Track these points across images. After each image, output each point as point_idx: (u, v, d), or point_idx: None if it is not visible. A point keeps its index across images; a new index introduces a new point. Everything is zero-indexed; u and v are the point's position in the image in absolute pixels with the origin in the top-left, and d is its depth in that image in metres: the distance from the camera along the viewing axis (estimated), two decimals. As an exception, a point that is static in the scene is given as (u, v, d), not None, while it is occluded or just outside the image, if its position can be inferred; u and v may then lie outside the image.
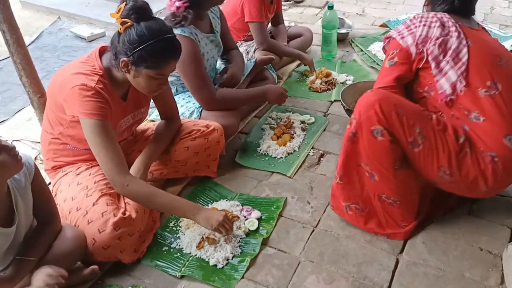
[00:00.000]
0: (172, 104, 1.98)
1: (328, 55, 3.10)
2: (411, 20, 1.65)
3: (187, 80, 2.13)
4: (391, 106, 1.55)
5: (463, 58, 1.56)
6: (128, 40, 1.55)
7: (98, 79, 1.60)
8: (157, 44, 1.56)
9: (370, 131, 1.56)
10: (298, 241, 1.75)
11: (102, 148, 1.59)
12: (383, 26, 3.57)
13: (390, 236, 1.71)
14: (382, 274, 1.60)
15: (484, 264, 1.61)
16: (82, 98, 1.56)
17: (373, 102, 1.56)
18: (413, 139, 1.55)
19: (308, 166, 2.15)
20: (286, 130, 2.35)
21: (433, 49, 1.58)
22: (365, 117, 1.57)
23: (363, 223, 1.73)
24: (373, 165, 1.61)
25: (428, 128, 1.56)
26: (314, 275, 1.60)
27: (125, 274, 1.64)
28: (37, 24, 4.08)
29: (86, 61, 1.66)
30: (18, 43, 2.08)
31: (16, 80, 2.39)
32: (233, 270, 1.64)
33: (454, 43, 1.57)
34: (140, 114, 1.88)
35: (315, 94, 2.73)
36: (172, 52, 1.63)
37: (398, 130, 1.55)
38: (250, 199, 1.96)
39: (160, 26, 1.58)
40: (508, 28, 3.44)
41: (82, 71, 1.61)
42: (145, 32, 1.54)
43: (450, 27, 1.59)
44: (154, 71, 1.60)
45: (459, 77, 1.56)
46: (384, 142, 1.56)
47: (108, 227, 1.57)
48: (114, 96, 1.68)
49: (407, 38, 1.62)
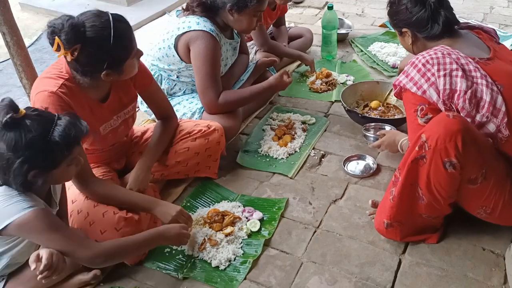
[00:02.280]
0: (166, 103, 1.98)
1: (328, 56, 3.10)
2: (424, 65, 1.48)
3: (198, 77, 2.12)
4: (472, 140, 1.42)
5: (502, 108, 1.45)
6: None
7: (62, 83, 1.56)
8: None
9: (442, 162, 1.44)
10: (300, 242, 1.74)
11: None
12: (382, 26, 3.57)
13: (426, 241, 1.69)
14: (385, 274, 1.59)
15: (486, 264, 1.61)
16: (42, 104, 1.50)
17: (456, 132, 1.39)
18: (475, 177, 1.48)
19: (309, 166, 2.15)
20: (287, 130, 2.34)
21: (463, 105, 1.45)
22: (442, 147, 1.41)
23: (400, 237, 1.69)
24: (429, 190, 1.52)
25: (492, 172, 1.48)
26: (317, 276, 1.60)
27: (127, 277, 1.64)
28: (36, 26, 4.08)
29: (56, 64, 1.63)
30: (18, 45, 2.08)
31: (16, 82, 2.40)
32: (235, 271, 1.63)
33: (486, 93, 1.44)
34: (126, 114, 1.82)
35: (315, 94, 2.73)
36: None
37: (469, 166, 1.44)
38: (251, 200, 1.95)
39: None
40: (508, 27, 3.44)
41: (48, 75, 1.59)
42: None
43: (471, 71, 1.45)
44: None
45: (499, 127, 1.46)
46: (454, 174, 1.45)
47: (109, 227, 1.56)
48: (87, 98, 1.64)
49: (430, 92, 1.47)
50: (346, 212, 1.87)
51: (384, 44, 3.18)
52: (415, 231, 1.68)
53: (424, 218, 1.63)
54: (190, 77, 2.25)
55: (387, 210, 1.63)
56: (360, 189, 1.99)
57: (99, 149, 1.81)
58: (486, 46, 1.60)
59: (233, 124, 2.22)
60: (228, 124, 2.15)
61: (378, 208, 1.75)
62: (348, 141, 2.30)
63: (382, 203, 1.71)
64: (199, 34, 2.07)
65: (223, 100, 2.15)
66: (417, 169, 1.50)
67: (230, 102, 2.17)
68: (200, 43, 2.07)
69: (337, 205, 1.91)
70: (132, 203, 1.68)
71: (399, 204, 1.59)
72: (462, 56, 1.49)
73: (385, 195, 1.69)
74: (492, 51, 1.57)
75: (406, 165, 1.51)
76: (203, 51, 2.07)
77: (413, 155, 1.49)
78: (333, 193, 1.97)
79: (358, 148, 2.24)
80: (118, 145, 1.90)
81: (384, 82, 2.57)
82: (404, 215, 1.62)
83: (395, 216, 1.62)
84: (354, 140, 2.30)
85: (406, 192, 1.56)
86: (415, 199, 1.58)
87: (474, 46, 1.58)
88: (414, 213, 1.61)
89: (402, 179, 1.54)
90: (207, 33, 2.07)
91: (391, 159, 2.14)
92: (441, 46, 1.53)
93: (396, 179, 1.59)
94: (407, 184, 1.54)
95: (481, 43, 1.61)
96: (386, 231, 1.68)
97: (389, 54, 3.04)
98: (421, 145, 1.46)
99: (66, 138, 1.29)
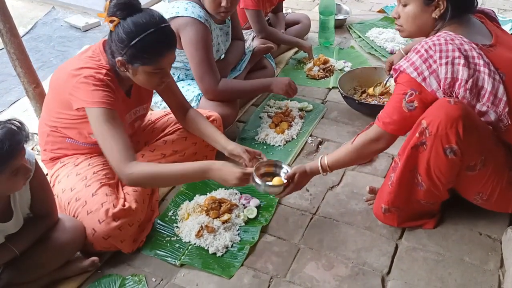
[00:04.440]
0: (182, 94, 1.92)
1: (325, 42, 3.07)
2: (426, 51, 1.43)
3: (193, 64, 2.11)
4: (473, 126, 1.40)
5: (503, 98, 1.42)
6: (118, 39, 1.51)
7: (106, 72, 1.58)
8: (146, 38, 1.49)
9: (443, 149, 1.43)
10: (297, 228, 1.75)
11: (108, 136, 1.53)
12: (381, 12, 3.54)
13: (423, 226, 1.70)
14: (382, 259, 1.60)
15: (483, 248, 1.62)
16: (89, 87, 1.53)
17: (457, 119, 1.37)
18: (474, 164, 1.47)
19: (306, 153, 2.15)
20: (284, 118, 2.33)
21: (463, 94, 1.41)
22: (443, 133, 1.40)
23: (397, 223, 1.69)
24: (429, 176, 1.51)
25: (491, 159, 1.47)
26: (314, 262, 1.61)
27: (125, 264, 1.64)
28: (31, 15, 4.03)
29: (92, 55, 1.62)
30: (11, 33, 2.05)
31: (11, 72, 2.37)
32: (233, 258, 1.64)
33: (487, 82, 1.40)
34: (142, 110, 1.85)
35: (313, 81, 2.71)
36: (164, 44, 1.55)
37: (469, 152, 1.43)
38: (248, 187, 1.94)
39: (147, 19, 1.50)
40: (507, 12, 3.41)
41: (89, 65, 1.58)
42: (132, 28, 1.48)
43: (475, 58, 1.41)
44: (150, 66, 1.55)
45: (500, 116, 1.44)
46: (454, 160, 1.44)
47: (108, 217, 1.56)
48: (120, 91, 1.66)
49: (430, 80, 1.43)
50: (343, 198, 1.87)
51: (382, 30, 3.16)
52: (412, 216, 1.68)
53: (422, 204, 1.64)
54: (182, 62, 2.23)
55: (386, 196, 1.63)
56: (357, 175, 1.99)
57: None
58: (488, 32, 1.56)
59: (230, 112, 2.21)
60: (225, 112, 2.14)
61: (378, 193, 1.75)
62: (346, 128, 2.30)
63: (381, 189, 1.72)
64: (188, 21, 2.05)
65: (223, 87, 2.15)
66: (417, 156, 1.49)
67: (229, 90, 2.17)
68: (190, 30, 2.05)
69: (334, 191, 1.91)
70: (185, 176, 1.60)
71: (398, 190, 1.58)
72: (466, 41, 1.44)
73: (384, 181, 1.69)
74: (494, 36, 1.53)
75: (406, 151, 1.50)
76: (194, 38, 2.06)
77: (413, 142, 1.47)
78: (330, 180, 1.96)
79: (356, 134, 2.22)
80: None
81: (382, 68, 2.55)
82: (402, 201, 1.62)
83: (393, 202, 1.62)
84: (352, 127, 2.30)
85: (405, 178, 1.56)
86: (413, 186, 1.58)
87: (477, 32, 1.54)
88: (412, 199, 1.61)
89: (402, 165, 1.53)
90: (195, 19, 2.05)
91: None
92: (444, 32, 1.49)
93: (395, 165, 1.58)
94: (407, 170, 1.54)
95: (484, 29, 1.57)
96: (383, 216, 1.69)
97: (387, 40, 3.02)
98: (421, 132, 1.44)
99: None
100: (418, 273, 1.55)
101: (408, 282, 1.52)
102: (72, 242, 1.55)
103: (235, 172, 1.54)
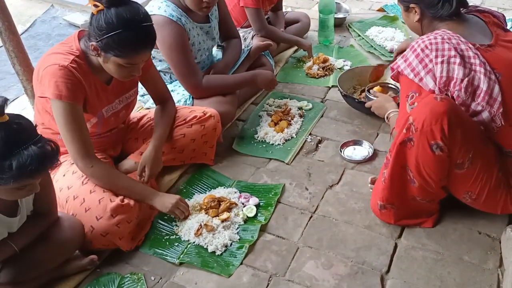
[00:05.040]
0: (163, 86, 1.97)
1: (325, 41, 3.07)
2: (422, 50, 1.45)
3: (173, 66, 2.11)
4: (458, 123, 1.40)
5: (498, 98, 1.42)
6: (97, 25, 1.49)
7: (73, 59, 1.56)
8: (125, 33, 1.47)
9: (429, 145, 1.43)
10: (296, 227, 1.74)
11: (67, 130, 1.57)
12: (380, 11, 3.53)
13: (421, 225, 1.70)
14: (381, 258, 1.60)
15: (482, 247, 1.62)
16: (52, 78, 1.52)
17: (442, 115, 1.38)
18: (462, 162, 1.47)
19: (305, 152, 2.14)
20: (284, 116, 2.33)
21: (458, 93, 1.42)
22: (428, 130, 1.41)
23: (393, 220, 1.69)
24: (419, 173, 1.51)
25: (479, 157, 1.46)
26: (313, 260, 1.61)
27: (124, 262, 1.64)
28: (30, 13, 4.03)
29: (65, 42, 1.63)
30: (10, 30, 2.05)
31: (10, 69, 2.37)
32: (232, 256, 1.64)
33: (483, 81, 1.40)
34: (128, 98, 1.83)
35: (312, 80, 2.71)
36: (142, 42, 1.54)
37: (456, 149, 1.44)
38: (248, 186, 1.95)
39: (132, 15, 1.48)
40: (507, 11, 3.40)
41: (58, 51, 1.58)
42: (114, 20, 1.46)
43: (471, 58, 1.42)
44: (122, 59, 1.53)
45: (495, 117, 1.44)
46: (442, 157, 1.44)
47: (106, 213, 1.56)
48: (94, 79, 1.64)
49: (427, 80, 1.44)
50: (342, 197, 1.87)
51: (381, 28, 3.16)
52: (410, 214, 1.68)
53: (419, 202, 1.64)
54: (165, 61, 2.20)
55: (380, 192, 1.65)
56: (356, 174, 1.99)
57: (97, 134, 1.80)
58: (490, 32, 1.56)
59: (229, 110, 2.21)
60: (224, 110, 2.14)
61: (373, 189, 1.76)
62: (345, 127, 2.29)
63: (376, 185, 1.73)
64: (159, 20, 1.99)
65: (207, 84, 2.16)
66: (405, 152, 1.51)
67: (213, 86, 2.19)
68: (163, 31, 2.00)
69: (333, 190, 1.91)
70: (131, 190, 1.68)
71: (391, 186, 1.60)
72: (463, 41, 1.45)
73: (378, 177, 1.71)
74: (494, 37, 1.53)
75: (395, 147, 1.52)
76: (167, 39, 2.03)
77: (401, 138, 1.49)
78: (330, 179, 1.96)
79: (355, 133, 2.24)
80: (115, 131, 1.89)
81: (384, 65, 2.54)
82: (397, 197, 1.62)
83: (388, 198, 1.63)
84: (351, 126, 2.29)
85: (396, 175, 1.57)
86: (406, 182, 1.58)
87: (477, 32, 1.54)
88: (407, 196, 1.62)
89: (392, 161, 1.55)
90: (167, 19, 2.02)
91: (387, 144, 2.12)
92: (442, 30, 1.49)
93: (387, 161, 1.60)
94: (397, 166, 1.55)
95: (485, 29, 1.57)
96: (380, 213, 1.70)
97: (387, 39, 3.01)
98: (408, 127, 1.46)
99: (21, 169, 1.18)
100: (417, 272, 1.55)
101: (407, 281, 1.52)
102: (72, 240, 1.56)
103: (174, 197, 1.73)
